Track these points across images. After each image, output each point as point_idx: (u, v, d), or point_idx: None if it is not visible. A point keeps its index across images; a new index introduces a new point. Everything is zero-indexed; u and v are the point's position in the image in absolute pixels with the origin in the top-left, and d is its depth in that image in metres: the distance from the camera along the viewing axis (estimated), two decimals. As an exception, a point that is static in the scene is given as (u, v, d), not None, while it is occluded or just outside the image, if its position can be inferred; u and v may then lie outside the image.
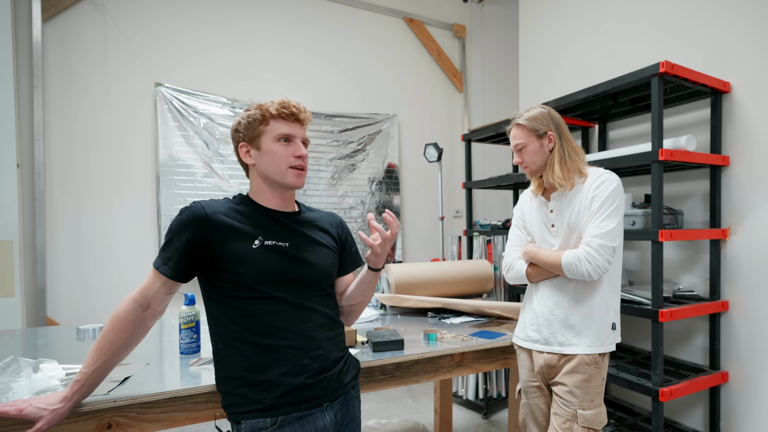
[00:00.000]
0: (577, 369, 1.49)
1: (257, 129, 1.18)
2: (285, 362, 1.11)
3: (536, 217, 1.66)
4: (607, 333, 1.52)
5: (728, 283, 2.31)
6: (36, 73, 3.01)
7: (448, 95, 4.72)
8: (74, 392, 1.06)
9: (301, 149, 1.19)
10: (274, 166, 1.18)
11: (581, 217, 1.51)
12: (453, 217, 4.66)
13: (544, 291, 1.60)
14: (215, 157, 3.51)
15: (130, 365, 1.43)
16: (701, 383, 2.19)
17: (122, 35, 3.29)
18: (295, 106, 1.18)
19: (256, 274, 1.12)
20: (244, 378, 1.10)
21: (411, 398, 3.44)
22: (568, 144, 1.57)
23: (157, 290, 1.10)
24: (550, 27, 3.38)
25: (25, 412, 1.01)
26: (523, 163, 1.61)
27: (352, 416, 1.24)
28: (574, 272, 1.46)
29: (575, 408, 1.48)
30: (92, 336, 1.87)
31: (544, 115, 1.58)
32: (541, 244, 1.65)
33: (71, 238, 3.12)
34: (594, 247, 1.43)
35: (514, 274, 1.67)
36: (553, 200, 1.60)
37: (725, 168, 2.34)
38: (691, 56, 2.44)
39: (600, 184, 1.49)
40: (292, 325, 1.14)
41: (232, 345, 1.13)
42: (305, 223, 1.27)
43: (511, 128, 1.63)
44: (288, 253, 1.18)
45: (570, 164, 1.55)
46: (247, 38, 3.74)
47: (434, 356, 1.60)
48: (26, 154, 2.99)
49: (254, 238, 1.15)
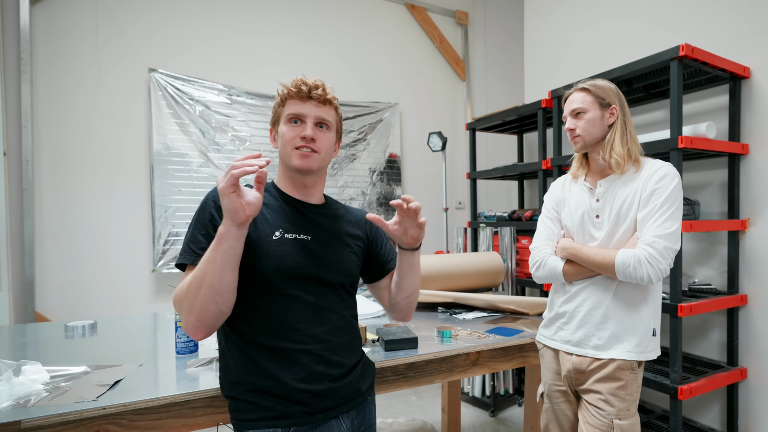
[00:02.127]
0: (612, 375, 1.37)
1: (277, 111, 1.12)
2: (299, 367, 1.01)
3: (578, 206, 1.49)
4: (648, 339, 1.39)
5: (747, 276, 2.23)
6: (24, 57, 2.87)
7: (451, 84, 4.61)
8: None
9: (307, 129, 1.06)
10: (283, 148, 1.09)
11: (634, 208, 1.37)
12: (455, 208, 4.56)
13: (582, 287, 1.45)
14: (211, 146, 3.38)
15: (122, 367, 1.32)
16: (720, 380, 2.12)
17: (114, 18, 3.15)
18: (304, 83, 1.07)
19: (273, 267, 1.02)
20: (254, 383, 1.00)
21: (415, 395, 3.36)
22: (629, 124, 1.44)
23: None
24: (558, 13, 3.27)
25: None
26: (575, 131, 1.44)
27: (369, 423, 1.15)
28: (630, 275, 1.31)
29: (611, 417, 1.35)
30: (81, 333, 1.76)
31: (611, 87, 1.45)
32: (580, 237, 1.48)
33: (61, 229, 3.00)
34: (659, 249, 1.28)
35: (547, 272, 1.50)
36: (599, 187, 1.45)
37: (744, 156, 2.25)
38: (708, 41, 2.34)
39: (663, 177, 1.35)
40: (307, 327, 1.03)
41: (240, 346, 1.03)
42: (330, 217, 1.17)
43: (572, 92, 1.49)
44: (309, 248, 1.08)
45: (631, 145, 1.42)
46: (244, 24, 3.60)
47: (449, 355, 1.50)
48: (13, 142, 2.86)
49: (275, 229, 1.05)
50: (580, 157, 1.54)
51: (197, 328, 0.96)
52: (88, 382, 1.18)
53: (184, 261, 1.01)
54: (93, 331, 1.79)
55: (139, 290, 3.20)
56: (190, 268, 1.01)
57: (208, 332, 0.98)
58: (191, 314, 0.95)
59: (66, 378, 1.21)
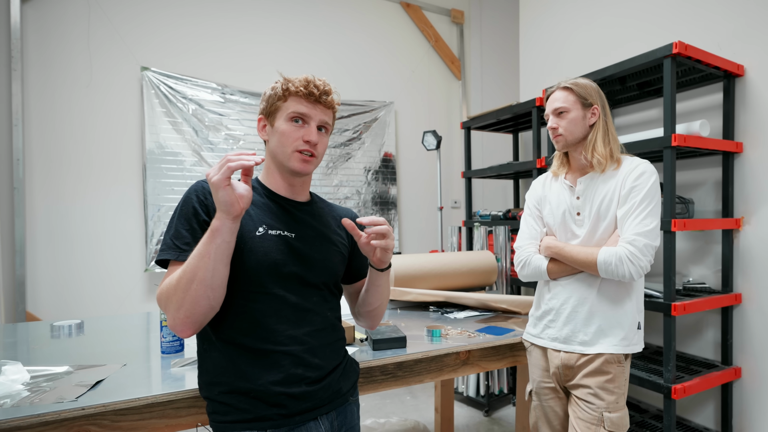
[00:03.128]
0: (600, 369, 1.38)
1: (275, 104, 1.07)
2: (277, 370, 0.99)
3: (558, 203, 1.50)
4: (633, 332, 1.41)
5: (741, 275, 2.22)
6: (14, 55, 2.85)
7: (446, 82, 4.59)
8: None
9: (312, 134, 1.04)
10: (281, 147, 1.05)
11: (614, 206, 1.39)
12: (451, 207, 4.54)
13: (566, 285, 1.46)
14: (205, 145, 3.36)
15: (104, 366, 1.30)
16: (714, 379, 2.10)
17: (106, 16, 3.13)
18: (316, 86, 1.05)
19: (255, 264, 0.99)
20: (231, 384, 0.98)
21: (409, 395, 3.34)
22: (610, 124, 1.46)
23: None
24: (553, 11, 3.25)
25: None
26: (557, 130, 1.45)
27: (350, 424, 1.12)
28: (612, 272, 1.33)
29: (601, 411, 1.36)
30: (67, 333, 1.74)
31: (593, 87, 1.46)
32: (563, 234, 1.50)
33: (52, 229, 2.97)
34: (639, 247, 1.30)
35: (531, 270, 1.52)
36: (579, 184, 1.46)
37: (738, 155, 2.24)
38: (702, 39, 2.33)
39: (640, 174, 1.37)
40: (288, 328, 1.01)
41: (218, 346, 1.00)
42: (315, 215, 1.15)
43: (554, 91, 1.49)
44: (293, 246, 1.05)
45: (613, 145, 1.43)
46: (238, 22, 3.58)
47: (439, 354, 1.48)
48: (4, 140, 2.84)
49: (259, 225, 1.03)
50: (561, 155, 1.55)
51: (185, 325, 0.94)
52: (69, 383, 1.16)
53: (168, 257, 0.98)
54: (80, 331, 1.77)
55: (131, 290, 3.18)
56: (174, 265, 0.98)
57: (196, 329, 0.96)
58: (180, 311, 0.92)
59: (47, 378, 1.19)
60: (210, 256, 0.90)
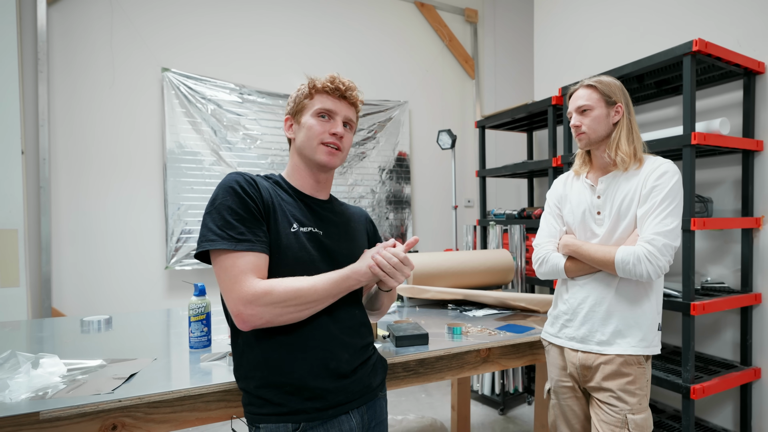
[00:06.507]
0: (620, 371, 1.38)
1: (302, 102, 1.12)
2: (311, 364, 1.02)
3: (579, 202, 1.50)
4: (653, 334, 1.40)
5: (761, 275, 2.20)
6: (41, 58, 2.92)
7: (460, 82, 4.60)
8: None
9: (338, 127, 1.09)
10: (308, 141, 1.09)
11: (634, 205, 1.38)
12: (464, 206, 4.55)
13: (584, 284, 1.46)
14: (223, 145, 3.41)
15: (136, 360, 1.34)
16: (733, 380, 2.09)
17: (128, 19, 3.19)
18: (342, 82, 1.11)
19: (291, 261, 1.02)
20: (266, 378, 1.01)
21: (424, 393, 3.36)
22: (634, 122, 1.46)
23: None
24: (568, 9, 3.24)
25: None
26: (580, 128, 1.45)
27: (380, 418, 1.15)
28: (629, 272, 1.33)
29: (624, 413, 1.36)
30: (97, 328, 1.79)
31: (617, 85, 1.46)
32: (582, 233, 1.50)
33: (77, 226, 3.05)
34: (658, 247, 1.29)
35: (549, 268, 1.51)
36: (601, 183, 1.46)
37: (758, 153, 2.22)
38: (722, 36, 2.31)
39: (663, 174, 1.35)
40: (321, 323, 1.04)
41: (252, 341, 1.03)
42: (336, 212, 1.19)
43: (578, 89, 1.49)
44: (323, 243, 1.09)
45: (637, 144, 1.43)
46: (255, 23, 3.63)
47: (460, 352, 1.50)
48: (31, 141, 2.91)
49: (292, 221, 1.06)
50: (583, 153, 1.55)
51: (261, 325, 0.97)
52: (104, 375, 1.21)
53: (224, 246, 0.95)
54: (108, 326, 1.82)
55: (152, 287, 3.24)
56: (226, 253, 0.96)
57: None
58: (275, 317, 0.96)
59: (82, 371, 1.24)
60: (337, 297, 1.03)
